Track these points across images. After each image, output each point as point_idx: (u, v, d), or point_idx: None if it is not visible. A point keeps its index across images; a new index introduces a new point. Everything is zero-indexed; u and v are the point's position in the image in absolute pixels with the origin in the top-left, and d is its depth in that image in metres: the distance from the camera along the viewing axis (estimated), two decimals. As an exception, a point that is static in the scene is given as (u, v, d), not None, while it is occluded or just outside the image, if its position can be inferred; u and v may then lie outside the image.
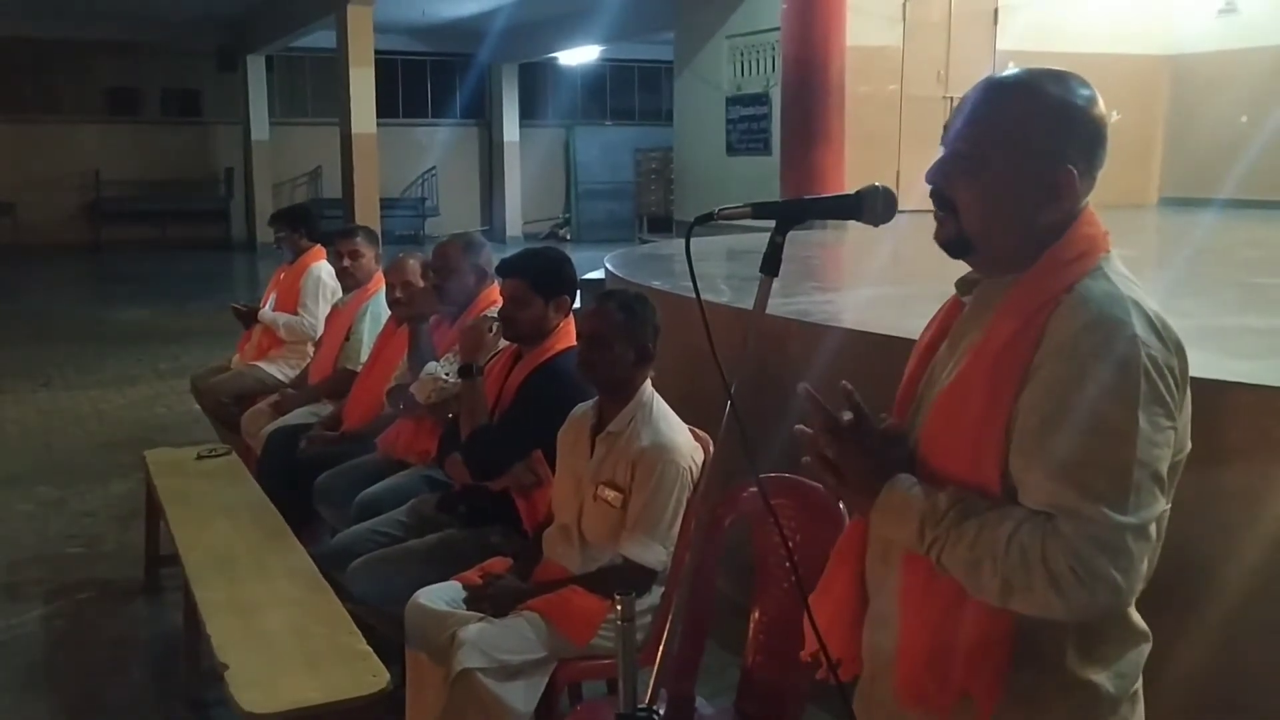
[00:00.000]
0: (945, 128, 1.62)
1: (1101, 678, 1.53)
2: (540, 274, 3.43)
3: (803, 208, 1.64)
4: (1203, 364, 2.82)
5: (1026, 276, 1.54)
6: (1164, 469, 1.44)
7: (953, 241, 1.60)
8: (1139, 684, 1.59)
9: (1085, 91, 1.56)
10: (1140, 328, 1.44)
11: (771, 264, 1.60)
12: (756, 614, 2.66)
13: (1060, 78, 1.56)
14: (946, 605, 1.54)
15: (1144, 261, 1.75)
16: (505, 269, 3.52)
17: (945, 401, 1.58)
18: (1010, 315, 1.52)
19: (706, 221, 1.60)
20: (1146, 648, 1.59)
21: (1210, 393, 2.66)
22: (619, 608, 1.57)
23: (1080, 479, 1.40)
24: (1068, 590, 1.38)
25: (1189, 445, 1.53)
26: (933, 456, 1.58)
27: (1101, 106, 1.56)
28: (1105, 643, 1.54)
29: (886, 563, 1.66)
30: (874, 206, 1.61)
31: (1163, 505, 1.44)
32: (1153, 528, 1.42)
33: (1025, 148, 1.54)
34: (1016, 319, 1.51)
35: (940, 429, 1.58)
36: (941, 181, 1.59)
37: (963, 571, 1.47)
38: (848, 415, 1.62)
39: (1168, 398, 1.44)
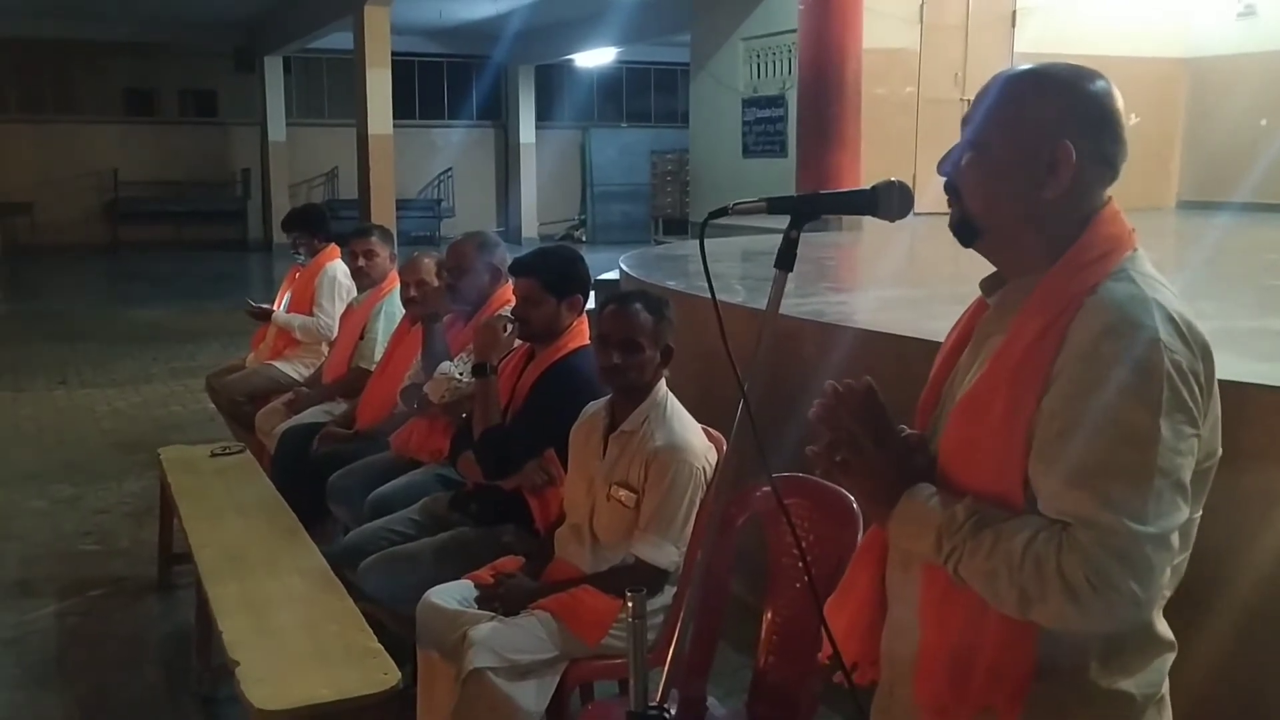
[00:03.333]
0: (963, 120, 1.60)
1: (1127, 685, 1.50)
2: (553, 273, 3.42)
3: (817, 202, 1.62)
4: (1221, 365, 2.80)
5: (1047, 278, 1.51)
6: (1186, 477, 1.40)
7: (959, 225, 1.59)
8: (1164, 689, 1.56)
9: (1100, 83, 1.53)
10: (1163, 331, 1.40)
11: (786, 259, 1.58)
12: (769, 615, 2.65)
13: (1075, 68, 1.55)
14: (967, 616, 1.51)
15: (1162, 265, 1.73)
16: (518, 268, 3.51)
17: (965, 408, 1.55)
18: (1031, 319, 1.49)
19: (721, 216, 1.59)
20: (1171, 656, 1.56)
21: (1228, 394, 2.63)
22: (630, 605, 1.55)
23: (1098, 487, 1.36)
24: (1085, 602, 1.35)
25: (1220, 450, 1.49)
26: (953, 464, 1.55)
27: (1117, 100, 1.53)
28: (1129, 652, 1.51)
29: (907, 570, 1.63)
30: (889, 201, 1.59)
31: (1184, 514, 1.40)
32: (1174, 537, 1.39)
33: (1022, 124, 1.52)
34: (1037, 322, 1.47)
35: (960, 436, 1.55)
36: (950, 169, 1.59)
37: (980, 583, 1.44)
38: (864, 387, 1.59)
39: (1191, 404, 1.40)
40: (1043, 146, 1.50)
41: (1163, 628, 1.54)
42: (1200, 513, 1.49)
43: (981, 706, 1.51)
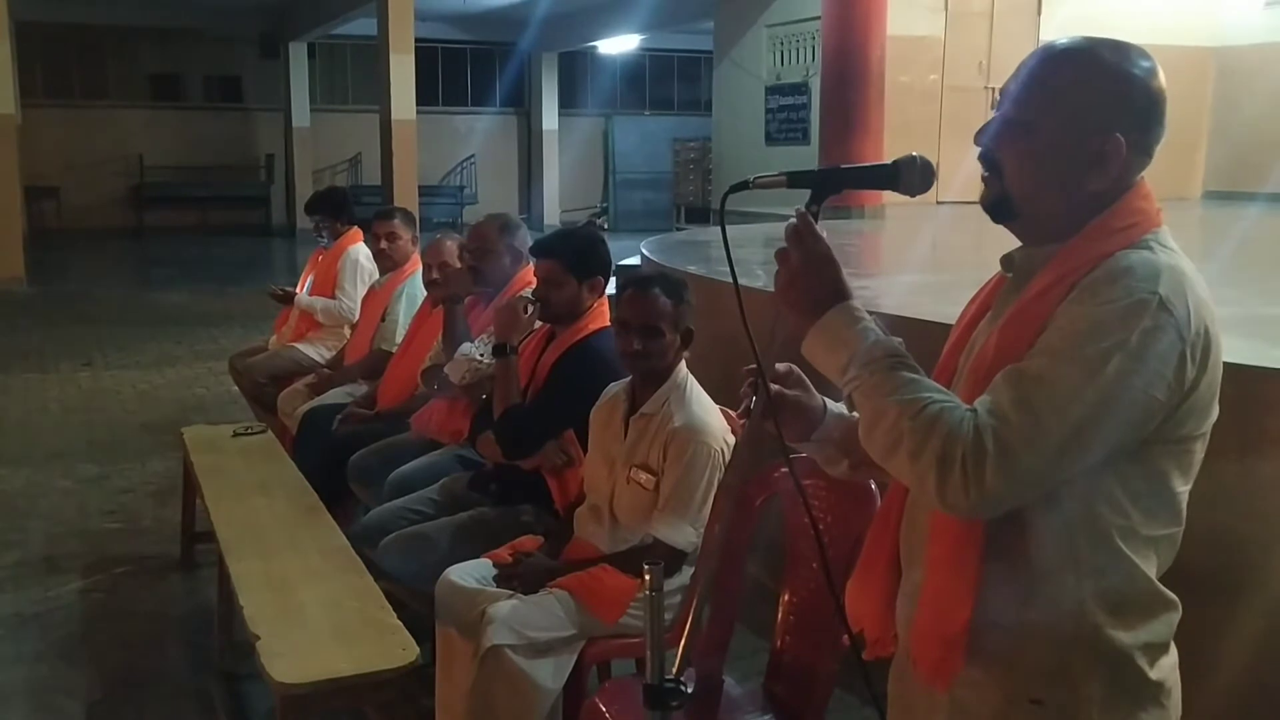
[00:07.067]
0: (1000, 92, 1.58)
1: (1130, 646, 1.48)
2: (574, 255, 3.42)
3: (839, 177, 1.61)
4: (1244, 351, 2.77)
5: (1069, 245, 1.50)
6: (1109, 432, 1.37)
7: (996, 204, 1.57)
8: (1172, 653, 1.54)
9: (1145, 63, 1.51)
10: (1165, 288, 1.38)
11: (805, 235, 1.57)
12: (786, 595, 2.65)
13: (1119, 47, 1.52)
14: (971, 576, 1.49)
15: (1186, 253, 1.72)
16: (539, 250, 3.52)
17: (973, 369, 1.55)
18: (1044, 279, 1.49)
19: (741, 189, 1.58)
20: (1175, 616, 1.53)
21: (1251, 380, 2.62)
22: (647, 577, 1.56)
23: (1025, 389, 1.37)
24: (946, 475, 1.35)
25: (1207, 433, 1.48)
26: None
27: (1161, 79, 1.51)
28: (1130, 611, 1.49)
29: (917, 531, 1.61)
30: (910, 176, 1.57)
31: (1077, 467, 1.39)
32: (1058, 464, 1.37)
33: (1076, 114, 1.50)
34: (1048, 280, 1.47)
35: (969, 399, 1.53)
36: (991, 144, 1.56)
37: (867, 415, 1.46)
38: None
39: (1161, 368, 1.37)
40: (1094, 138, 1.48)
41: (1161, 586, 1.52)
42: (1189, 487, 1.49)
43: (961, 663, 1.50)
